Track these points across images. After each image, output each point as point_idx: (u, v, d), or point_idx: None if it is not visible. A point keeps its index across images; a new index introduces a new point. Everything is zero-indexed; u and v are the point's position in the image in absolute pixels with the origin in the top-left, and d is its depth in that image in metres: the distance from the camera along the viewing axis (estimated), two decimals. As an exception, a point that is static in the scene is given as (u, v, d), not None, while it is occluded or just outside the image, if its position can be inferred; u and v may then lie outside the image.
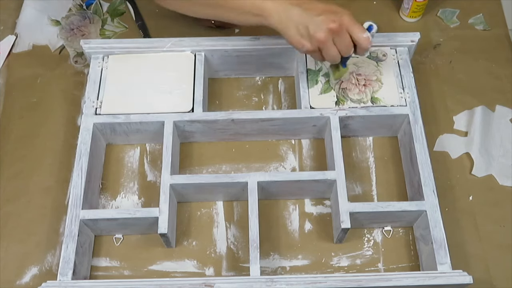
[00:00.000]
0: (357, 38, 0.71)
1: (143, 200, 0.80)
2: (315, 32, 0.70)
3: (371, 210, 0.73)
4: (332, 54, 0.72)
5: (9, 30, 0.96)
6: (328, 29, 0.70)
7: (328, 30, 0.70)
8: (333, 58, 0.73)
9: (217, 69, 0.89)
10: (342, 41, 0.71)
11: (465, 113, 0.87)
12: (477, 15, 0.97)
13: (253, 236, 0.71)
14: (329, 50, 0.72)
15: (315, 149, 0.84)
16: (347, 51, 0.72)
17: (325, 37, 0.70)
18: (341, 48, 0.72)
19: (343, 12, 0.71)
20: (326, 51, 0.72)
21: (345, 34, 0.71)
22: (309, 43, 0.72)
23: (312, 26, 0.70)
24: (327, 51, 0.72)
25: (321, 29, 0.70)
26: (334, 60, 0.74)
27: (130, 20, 0.97)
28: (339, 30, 0.70)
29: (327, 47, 0.71)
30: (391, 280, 0.67)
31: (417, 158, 0.76)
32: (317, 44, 0.71)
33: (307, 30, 0.71)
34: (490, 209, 0.79)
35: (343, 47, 0.72)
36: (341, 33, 0.70)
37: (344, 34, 0.71)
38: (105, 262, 0.76)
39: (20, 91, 0.89)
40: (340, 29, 0.70)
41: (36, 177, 0.82)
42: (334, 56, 0.73)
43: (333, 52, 0.72)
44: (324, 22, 0.69)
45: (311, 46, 0.72)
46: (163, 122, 0.79)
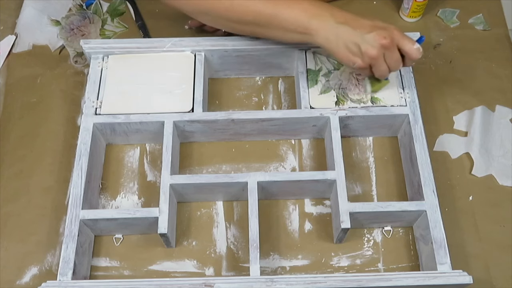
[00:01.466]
0: (409, 49, 0.72)
1: (143, 200, 0.80)
2: (367, 49, 0.71)
3: (371, 210, 0.73)
4: (383, 69, 0.74)
5: (9, 30, 0.96)
6: (380, 45, 0.71)
7: (380, 46, 0.71)
8: (383, 73, 0.74)
9: (217, 69, 0.89)
10: (393, 56, 0.72)
11: (465, 113, 0.87)
12: (477, 15, 0.97)
13: (253, 236, 0.71)
14: (380, 66, 0.73)
15: (315, 149, 0.84)
16: (397, 66, 0.74)
17: (377, 54, 0.71)
18: (390, 63, 0.73)
19: (391, 27, 0.72)
20: (377, 67, 0.73)
21: (395, 49, 0.72)
22: (360, 60, 0.73)
23: (363, 44, 0.71)
24: (379, 67, 0.73)
25: (373, 46, 0.71)
26: (383, 76, 0.75)
27: (130, 20, 0.97)
28: (390, 45, 0.71)
29: (378, 63, 0.73)
30: (391, 280, 0.67)
31: (417, 158, 0.76)
32: (369, 61, 0.72)
33: (358, 48, 0.71)
34: (490, 209, 0.79)
35: (393, 62, 0.73)
36: (392, 49, 0.71)
37: (395, 49, 0.72)
38: (105, 262, 0.76)
39: (20, 91, 0.89)
40: (392, 45, 0.71)
41: (36, 177, 0.82)
42: (384, 71, 0.74)
43: (384, 68, 0.73)
44: (375, 39, 0.70)
45: (363, 63, 0.73)
46: (163, 122, 0.79)
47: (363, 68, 0.74)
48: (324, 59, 0.85)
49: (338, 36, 0.72)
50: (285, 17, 0.73)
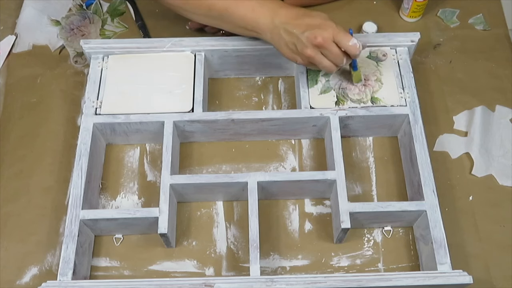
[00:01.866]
0: (345, 47, 0.73)
1: (143, 200, 0.80)
2: (302, 49, 0.73)
3: (371, 210, 0.73)
4: (326, 65, 0.75)
5: (9, 30, 0.96)
6: (313, 45, 0.72)
7: (313, 46, 0.72)
8: (329, 69, 0.75)
9: (217, 69, 0.89)
10: (330, 53, 0.73)
11: (465, 113, 0.87)
12: (477, 15, 0.97)
13: (253, 236, 0.71)
14: (320, 63, 0.74)
15: (315, 149, 0.84)
16: (339, 61, 0.74)
17: (312, 53, 0.73)
18: (332, 59, 0.74)
19: (327, 24, 0.72)
20: (318, 64, 0.75)
21: (332, 46, 0.72)
22: (300, 59, 0.75)
23: (299, 44, 0.73)
24: (319, 64, 0.74)
25: (306, 46, 0.72)
26: (331, 70, 0.76)
27: (130, 20, 0.97)
28: (323, 44, 0.72)
29: (317, 61, 0.74)
30: (391, 280, 0.67)
31: (417, 158, 0.76)
32: (307, 59, 0.74)
33: (295, 47, 0.74)
34: (490, 209, 0.79)
35: (333, 58, 0.74)
36: (328, 46, 0.72)
37: (331, 46, 0.72)
38: (105, 262, 0.76)
39: (20, 91, 0.89)
40: (325, 43, 0.72)
41: (36, 177, 0.82)
42: (329, 67, 0.75)
43: (326, 64, 0.74)
44: (308, 39, 0.72)
45: (303, 61, 0.75)
46: (163, 122, 0.79)
47: (307, 65, 0.76)
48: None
49: (280, 35, 0.74)
50: (234, 13, 0.76)
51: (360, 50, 0.73)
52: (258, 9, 0.75)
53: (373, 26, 0.92)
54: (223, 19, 0.78)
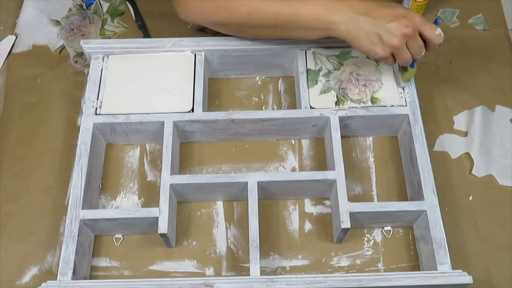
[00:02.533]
0: (431, 36, 0.71)
1: (143, 200, 0.80)
2: (388, 39, 0.70)
3: (371, 210, 0.73)
4: (406, 57, 0.73)
5: (9, 30, 0.96)
6: (402, 34, 0.70)
7: (402, 35, 0.70)
8: (407, 61, 0.74)
9: (217, 69, 0.89)
10: (415, 43, 0.72)
11: (465, 113, 0.87)
12: (477, 15, 0.97)
13: (253, 236, 0.71)
14: (403, 54, 0.73)
15: (315, 149, 0.84)
16: (420, 52, 0.73)
17: (400, 43, 0.71)
18: (413, 50, 0.73)
19: (412, 14, 0.71)
20: (399, 55, 0.73)
21: (418, 36, 0.71)
22: (382, 50, 0.72)
23: (385, 34, 0.70)
24: (401, 55, 0.73)
25: (395, 35, 0.70)
26: (407, 63, 0.75)
27: (130, 20, 0.97)
28: (412, 33, 0.70)
29: (401, 52, 0.72)
30: (391, 280, 0.67)
31: (417, 158, 0.76)
32: (391, 50, 0.72)
33: (379, 38, 0.71)
34: (490, 209, 0.79)
35: (416, 49, 0.72)
36: (414, 36, 0.71)
37: (417, 36, 0.71)
38: (105, 262, 0.76)
39: (20, 91, 0.89)
40: (414, 32, 0.70)
41: (36, 177, 0.82)
42: (407, 59, 0.74)
43: (407, 55, 0.73)
44: (397, 28, 0.70)
45: (385, 52, 0.72)
46: (163, 122, 0.79)
47: (385, 58, 0.73)
48: (324, 59, 0.85)
49: (359, 27, 0.71)
50: (304, 15, 0.73)
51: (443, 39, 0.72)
52: (329, 4, 0.72)
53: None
54: (292, 24, 0.74)
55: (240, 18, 0.76)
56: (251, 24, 0.77)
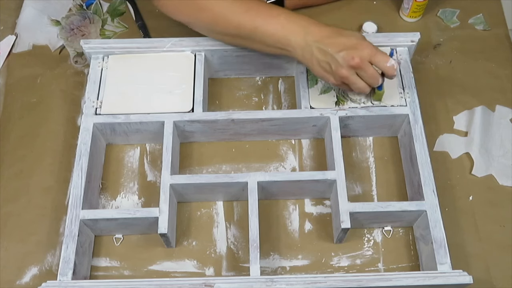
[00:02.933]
0: (382, 68, 0.71)
1: (143, 200, 0.80)
2: (337, 68, 0.71)
3: (371, 210, 0.73)
4: (360, 87, 0.73)
5: (9, 30, 0.96)
6: (349, 66, 0.70)
7: (349, 66, 0.70)
8: (363, 90, 0.73)
9: (217, 69, 0.89)
10: (366, 73, 0.71)
11: (465, 113, 0.87)
12: (477, 15, 0.97)
13: (253, 236, 0.71)
14: (354, 84, 0.72)
15: (315, 149, 0.84)
16: (375, 82, 0.73)
17: (347, 73, 0.71)
18: (367, 80, 0.72)
19: (364, 44, 0.71)
20: (352, 84, 0.73)
21: (368, 66, 0.71)
22: (333, 79, 0.73)
23: (333, 63, 0.71)
24: (354, 84, 0.73)
25: (342, 66, 0.70)
26: (364, 92, 0.74)
27: (130, 20, 0.97)
28: (360, 65, 0.70)
29: (351, 81, 0.72)
30: (391, 280, 0.67)
31: (417, 158, 0.76)
32: (341, 79, 0.72)
33: (329, 66, 0.71)
34: (490, 209, 0.79)
35: (368, 79, 0.72)
36: (364, 67, 0.70)
37: (367, 67, 0.71)
38: (105, 262, 0.76)
39: (20, 91, 0.89)
40: (362, 64, 0.70)
41: (36, 177, 0.82)
42: (362, 88, 0.73)
43: (360, 85, 0.72)
44: (344, 59, 0.70)
45: (336, 81, 0.73)
46: (163, 122, 0.79)
47: (338, 85, 0.74)
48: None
49: (312, 54, 0.72)
50: (264, 33, 0.74)
51: (397, 70, 0.72)
52: (288, 26, 0.73)
53: (373, 26, 0.92)
54: (253, 38, 0.75)
55: (206, 21, 0.78)
56: (216, 30, 0.79)
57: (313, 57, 0.72)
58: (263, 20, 0.74)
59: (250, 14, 0.74)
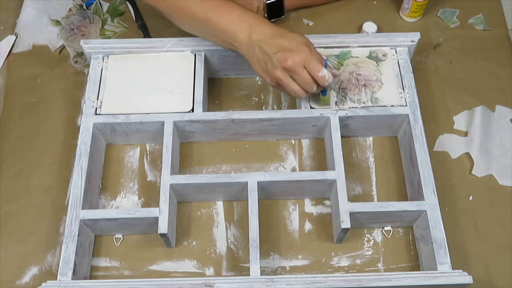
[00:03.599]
0: (314, 76, 0.72)
1: (143, 200, 0.80)
2: (271, 69, 0.72)
3: (371, 210, 0.73)
4: (294, 89, 0.73)
5: (9, 30, 0.96)
6: (283, 68, 0.71)
7: (283, 68, 0.71)
8: (297, 93, 0.74)
9: (217, 69, 0.89)
10: (300, 78, 0.72)
11: (465, 113, 0.87)
12: (477, 15, 0.97)
13: (253, 236, 0.71)
14: (288, 86, 0.73)
15: (315, 149, 0.84)
16: (309, 87, 0.73)
17: (280, 75, 0.72)
18: (301, 84, 0.73)
19: (301, 49, 0.71)
20: (286, 87, 0.73)
21: (302, 71, 0.71)
22: (269, 79, 0.74)
23: (269, 64, 0.72)
24: (287, 87, 0.73)
25: (276, 67, 0.72)
26: (299, 96, 0.74)
27: (130, 20, 0.97)
28: (293, 68, 0.71)
29: (285, 83, 0.73)
30: (391, 280, 0.67)
31: (417, 158, 0.76)
32: (275, 80, 0.73)
33: (266, 66, 0.73)
34: (490, 209, 0.79)
35: (302, 84, 0.73)
36: (297, 71, 0.71)
37: (301, 71, 0.71)
38: (105, 262, 0.76)
39: (20, 91, 0.89)
40: (295, 67, 0.71)
41: (36, 177, 0.82)
42: (296, 91, 0.73)
43: (294, 87, 0.73)
44: (279, 61, 0.71)
45: (271, 81, 0.74)
46: (163, 122, 0.79)
47: (274, 86, 0.75)
48: (324, 59, 0.85)
49: (253, 52, 0.73)
50: (215, 26, 0.76)
51: (330, 81, 0.72)
52: (237, 23, 0.74)
53: (373, 26, 0.92)
54: (205, 29, 0.78)
55: (165, 8, 0.80)
56: (174, 17, 0.80)
57: (254, 55, 0.74)
58: (215, 13, 0.76)
59: (204, 5, 0.76)
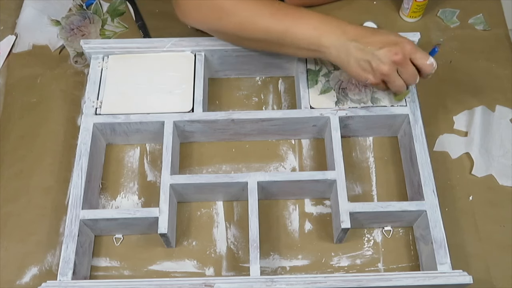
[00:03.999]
0: (421, 65, 0.71)
1: (143, 200, 0.80)
2: (378, 65, 0.70)
3: (371, 210, 0.73)
4: (398, 85, 0.72)
5: (9, 30, 0.96)
6: (392, 62, 0.69)
7: (392, 63, 0.70)
8: (399, 88, 0.73)
9: (217, 69, 0.89)
10: (407, 71, 0.71)
11: (465, 113, 0.87)
12: (477, 15, 0.97)
13: (253, 236, 0.71)
14: (394, 81, 0.72)
15: (315, 149, 0.84)
16: (413, 80, 0.72)
17: (389, 70, 0.70)
18: (406, 78, 0.72)
19: (404, 41, 0.70)
20: (391, 83, 0.72)
21: (409, 63, 0.70)
22: (372, 77, 0.71)
23: (374, 61, 0.70)
24: (393, 82, 0.72)
25: (384, 63, 0.70)
26: (400, 90, 0.73)
27: (130, 20, 0.97)
28: (402, 61, 0.69)
29: (392, 79, 0.71)
30: (391, 280, 0.67)
31: (417, 158, 0.76)
32: (381, 77, 0.71)
33: (369, 65, 0.70)
34: (490, 209, 0.79)
35: (408, 77, 0.71)
36: (405, 64, 0.70)
37: (408, 64, 0.70)
38: (105, 262, 0.76)
39: (20, 91, 0.89)
40: (404, 60, 0.69)
41: (36, 177, 0.82)
42: (400, 86, 0.72)
43: (399, 83, 0.72)
44: (386, 56, 0.69)
45: (375, 79, 0.72)
46: (163, 122, 0.79)
47: (376, 84, 0.73)
48: (324, 59, 0.85)
49: (349, 53, 0.71)
50: (295, 35, 0.73)
51: (435, 69, 0.71)
52: (321, 26, 0.72)
53: (373, 26, 0.92)
54: (283, 41, 0.74)
55: (233, 29, 0.76)
56: (244, 36, 0.77)
57: (350, 57, 0.71)
58: (293, 22, 0.73)
59: (279, 16, 0.73)
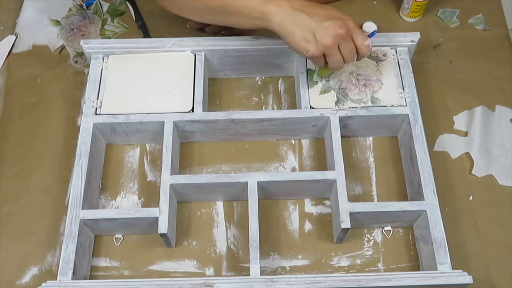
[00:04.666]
0: (360, 45, 0.71)
1: (143, 200, 0.80)
2: (322, 37, 0.70)
3: (371, 210, 0.73)
4: (337, 59, 0.72)
5: (9, 30, 0.96)
6: (336, 34, 0.70)
7: (336, 36, 0.70)
8: (337, 64, 0.73)
9: (217, 69, 0.89)
10: (347, 47, 0.71)
11: (465, 113, 0.87)
12: (477, 15, 0.97)
13: (253, 236, 0.71)
14: (334, 56, 0.72)
15: (315, 149, 0.84)
16: (351, 58, 0.73)
17: (332, 43, 0.70)
18: (345, 54, 0.72)
19: (347, 18, 0.71)
20: (331, 57, 0.72)
21: (350, 40, 0.71)
22: (314, 48, 0.71)
23: (319, 32, 0.70)
24: (333, 57, 0.72)
25: (328, 35, 0.70)
26: (338, 67, 0.74)
27: (130, 20, 0.97)
28: (345, 35, 0.70)
29: (333, 53, 0.71)
30: (391, 280, 0.67)
31: (417, 158, 0.76)
32: (323, 49, 0.71)
33: (313, 36, 0.70)
34: (490, 209, 0.79)
35: (347, 53, 0.72)
36: (347, 39, 0.71)
37: (350, 40, 0.71)
38: (105, 262, 0.76)
39: (20, 91, 0.89)
40: (347, 35, 0.70)
41: (36, 177, 0.82)
42: (339, 62, 0.73)
43: (338, 58, 0.72)
44: (331, 28, 0.69)
45: (317, 51, 0.71)
46: (163, 122, 0.79)
47: (316, 57, 0.72)
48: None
49: (294, 22, 0.70)
50: (239, 2, 0.72)
51: (369, 52, 0.73)
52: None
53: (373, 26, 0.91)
54: (226, 11, 0.73)
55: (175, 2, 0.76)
56: (189, 5, 0.77)
57: (295, 25, 0.70)
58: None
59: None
